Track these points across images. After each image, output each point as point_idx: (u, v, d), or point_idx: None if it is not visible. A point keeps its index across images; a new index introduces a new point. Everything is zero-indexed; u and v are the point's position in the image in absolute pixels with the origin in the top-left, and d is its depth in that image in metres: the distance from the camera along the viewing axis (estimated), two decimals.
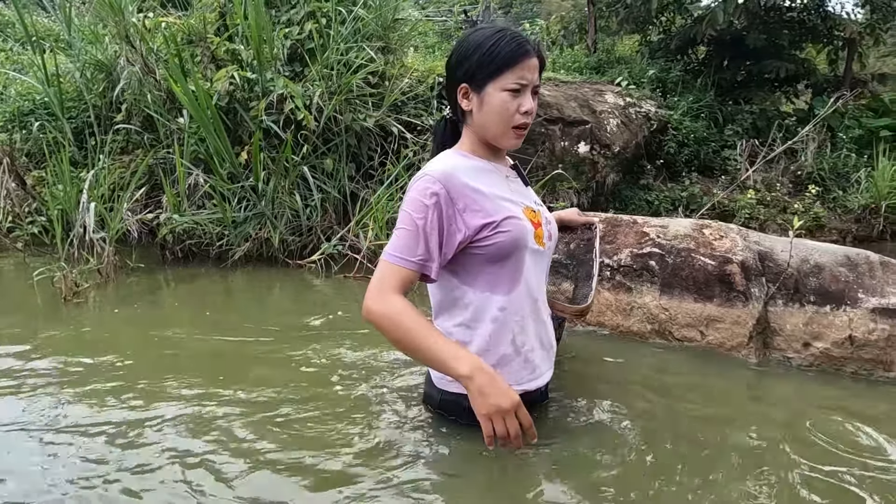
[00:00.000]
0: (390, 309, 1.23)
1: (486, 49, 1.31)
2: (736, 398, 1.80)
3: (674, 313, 2.13)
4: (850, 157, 6.19)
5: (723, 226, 2.25)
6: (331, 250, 3.63)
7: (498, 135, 1.37)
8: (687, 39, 7.48)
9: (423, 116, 4.78)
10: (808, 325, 1.99)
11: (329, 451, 1.40)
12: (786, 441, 1.46)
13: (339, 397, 1.73)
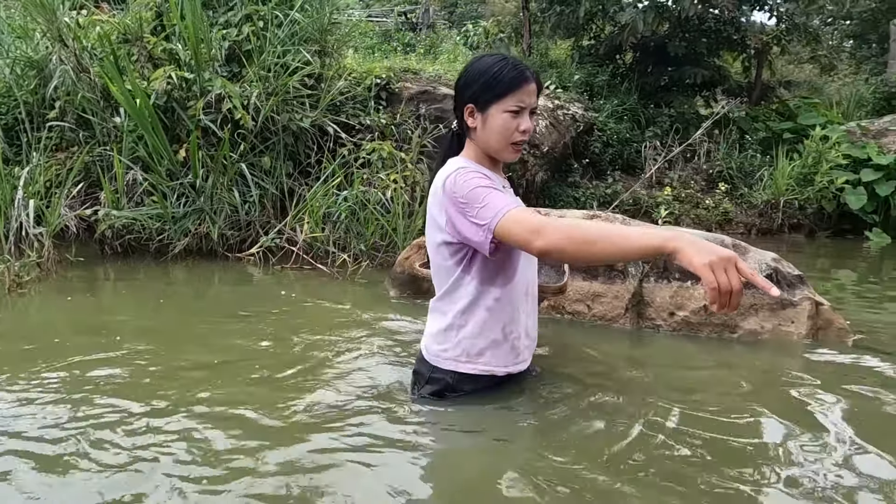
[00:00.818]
0: (557, 226, 1.27)
1: (491, 75, 1.48)
2: (618, 357, 2.12)
3: (590, 290, 2.46)
4: (755, 157, 6.79)
5: (609, 215, 2.60)
6: (269, 243, 3.82)
7: (499, 149, 1.52)
8: (614, 46, 7.97)
9: (360, 117, 5.00)
10: (674, 297, 2.35)
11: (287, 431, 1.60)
12: (658, 386, 1.80)
13: (288, 376, 1.95)
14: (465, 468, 1.35)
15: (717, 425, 1.52)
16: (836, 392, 1.75)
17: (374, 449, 1.39)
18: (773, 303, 2.27)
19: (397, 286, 2.93)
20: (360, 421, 1.53)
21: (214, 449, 1.38)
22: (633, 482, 1.25)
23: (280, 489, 1.21)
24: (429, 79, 6.15)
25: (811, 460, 1.35)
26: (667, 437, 1.45)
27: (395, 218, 3.78)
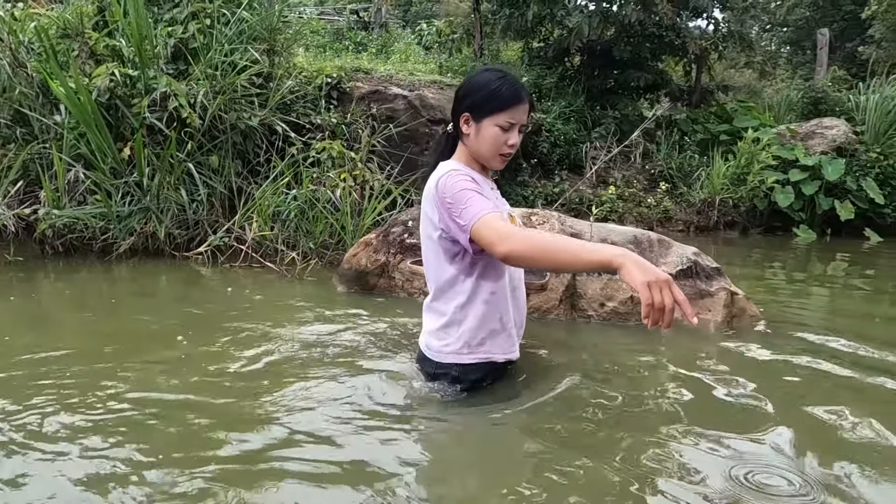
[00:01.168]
0: (524, 235, 1.42)
1: (490, 90, 1.59)
2: (554, 344, 2.25)
3: (548, 288, 2.59)
4: (694, 157, 7.13)
5: (546, 213, 2.75)
6: (217, 242, 3.82)
7: (487, 158, 1.64)
8: (562, 49, 8.20)
9: (310, 116, 5.04)
10: (604, 289, 2.51)
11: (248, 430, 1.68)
12: (594, 370, 1.95)
13: (242, 372, 2.00)
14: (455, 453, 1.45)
15: (636, 397, 1.69)
16: (740, 368, 1.94)
17: (346, 431, 1.48)
18: (692, 293, 2.46)
19: (345, 282, 3.00)
20: (321, 407, 1.62)
21: (165, 444, 1.43)
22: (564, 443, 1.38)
23: (252, 478, 1.27)
24: (380, 78, 6.22)
25: (708, 416, 1.52)
26: (592, 407, 1.60)
27: (345, 216, 3.84)
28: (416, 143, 5.88)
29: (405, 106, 5.84)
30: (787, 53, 22.98)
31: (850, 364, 2.07)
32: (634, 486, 1.26)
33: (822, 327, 2.58)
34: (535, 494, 1.22)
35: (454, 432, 1.54)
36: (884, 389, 1.85)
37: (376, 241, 2.94)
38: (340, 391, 1.73)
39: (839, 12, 20.58)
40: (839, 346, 2.28)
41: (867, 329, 2.66)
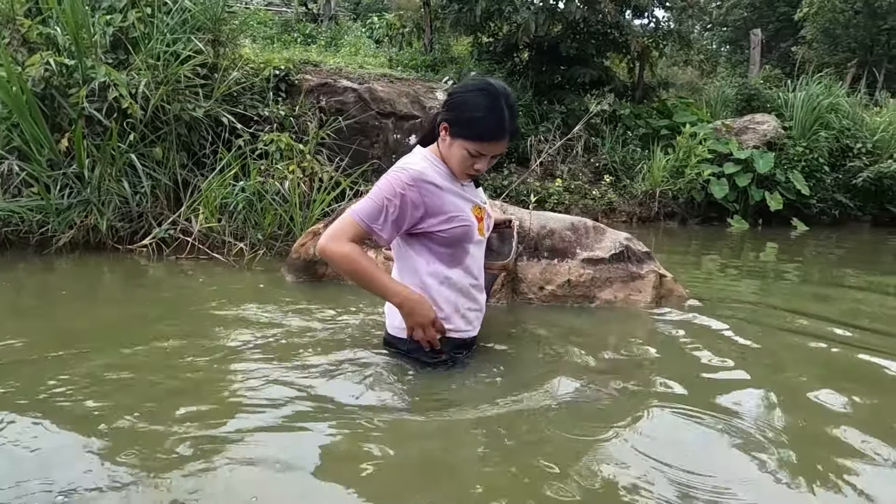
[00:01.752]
0: (346, 251, 1.64)
1: (473, 118, 1.62)
2: (498, 328, 2.36)
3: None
4: (636, 151, 7.41)
5: (490, 202, 2.84)
6: (162, 234, 3.77)
7: (454, 170, 1.73)
8: (510, 44, 8.35)
9: (258, 108, 5.00)
10: (543, 273, 2.64)
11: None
12: (535, 346, 2.07)
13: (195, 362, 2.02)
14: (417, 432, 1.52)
15: (579, 366, 1.84)
16: (666, 342, 2.09)
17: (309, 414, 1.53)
18: (624, 276, 2.61)
19: (293, 271, 3.03)
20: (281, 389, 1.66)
21: (110, 441, 1.45)
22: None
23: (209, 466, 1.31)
24: (329, 71, 6.21)
25: (630, 382, 1.66)
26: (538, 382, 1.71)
27: (293, 208, 3.85)
28: (365, 136, 5.91)
29: (355, 99, 5.86)
30: (727, 52, 23.96)
31: (778, 332, 2.33)
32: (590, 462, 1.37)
33: (755, 304, 2.83)
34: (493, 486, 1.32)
35: (406, 422, 1.61)
36: (813, 351, 2.11)
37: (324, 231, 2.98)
38: (295, 379, 1.78)
39: (774, 13, 21.59)
40: (769, 319, 2.52)
41: (797, 306, 2.89)
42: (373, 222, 1.65)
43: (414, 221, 1.69)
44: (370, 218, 1.65)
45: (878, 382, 1.91)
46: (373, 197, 1.66)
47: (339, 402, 1.61)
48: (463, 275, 1.80)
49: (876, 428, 1.52)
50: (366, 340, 2.09)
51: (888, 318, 2.81)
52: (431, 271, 1.76)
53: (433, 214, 1.70)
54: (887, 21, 16.31)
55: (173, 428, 1.42)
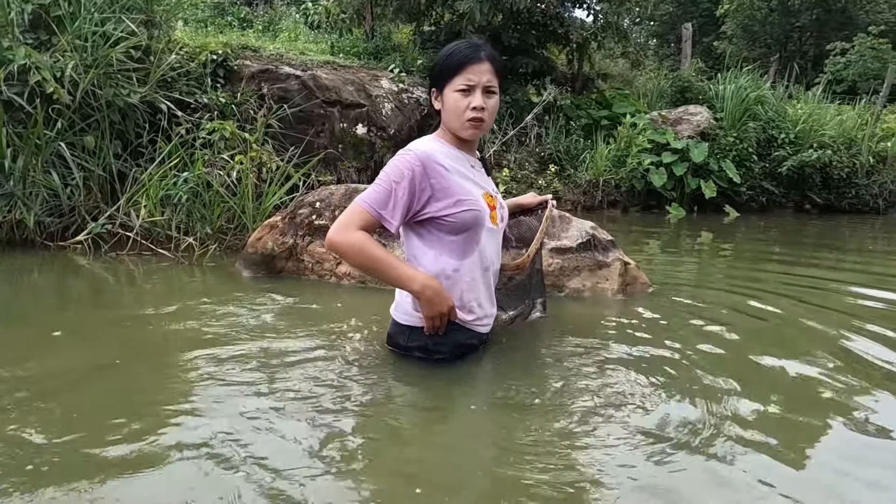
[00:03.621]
0: (355, 241, 1.54)
1: (445, 57, 1.61)
2: None
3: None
4: (579, 141, 7.56)
5: None
6: (99, 229, 3.51)
7: (458, 128, 1.64)
8: (454, 33, 8.30)
9: (196, 94, 4.73)
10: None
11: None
12: (526, 339, 2.03)
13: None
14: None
15: (554, 352, 1.81)
16: (632, 326, 2.13)
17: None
18: (591, 264, 2.65)
19: (250, 266, 2.89)
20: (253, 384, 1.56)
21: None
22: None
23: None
24: (270, 57, 5.96)
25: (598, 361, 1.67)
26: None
27: (243, 199, 3.67)
28: (311, 124, 5.73)
29: (298, 86, 5.66)
30: (654, 46, 24.92)
31: (724, 312, 2.39)
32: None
33: (697, 286, 2.94)
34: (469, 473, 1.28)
35: (386, 422, 1.56)
36: (754, 328, 2.20)
37: (282, 224, 2.85)
38: (272, 377, 1.69)
39: (698, 9, 22.61)
40: (714, 299, 2.60)
41: (730, 286, 3.03)
42: (382, 209, 1.57)
43: (420, 205, 1.61)
44: (379, 204, 1.57)
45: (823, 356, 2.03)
46: (379, 182, 1.59)
47: (325, 405, 1.53)
48: (472, 267, 1.71)
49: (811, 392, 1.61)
50: (338, 336, 2.02)
51: (821, 294, 2.98)
52: (440, 265, 1.67)
53: (440, 198, 1.61)
54: (799, 19, 17.43)
55: (102, 450, 1.31)
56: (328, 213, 2.79)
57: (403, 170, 1.58)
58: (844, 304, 2.73)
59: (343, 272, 2.74)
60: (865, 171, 7.55)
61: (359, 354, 1.85)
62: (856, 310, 2.61)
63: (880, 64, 13.04)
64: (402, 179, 1.57)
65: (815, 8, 16.91)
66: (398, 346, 1.78)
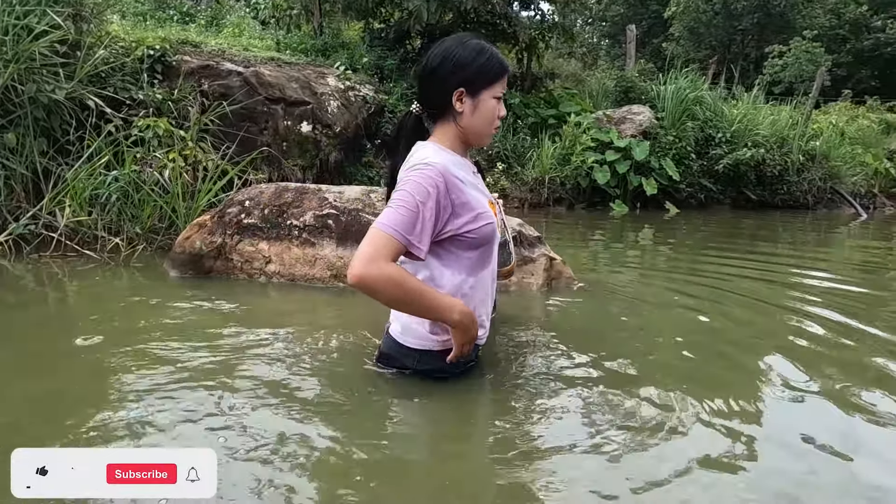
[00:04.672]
0: (391, 274, 1.35)
1: (484, 60, 1.51)
2: None
3: (347, 260, 2.65)
4: (526, 139, 7.68)
5: (385, 190, 2.83)
6: (21, 230, 3.38)
7: (483, 134, 1.59)
8: (403, 31, 8.31)
9: (131, 91, 4.61)
10: None
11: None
12: None
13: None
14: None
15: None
16: (555, 319, 2.21)
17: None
18: (517, 260, 2.71)
19: (177, 266, 2.84)
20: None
21: None
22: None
23: None
24: (211, 53, 5.85)
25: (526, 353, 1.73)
26: None
27: (175, 198, 3.60)
28: (254, 122, 5.65)
29: (240, 83, 5.58)
30: (606, 46, 25.47)
31: (658, 305, 2.55)
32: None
33: (636, 281, 3.06)
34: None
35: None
36: (687, 318, 2.35)
37: (211, 223, 2.82)
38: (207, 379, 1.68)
39: (647, 11, 23.24)
40: (651, 291, 2.73)
41: (671, 281, 3.16)
42: (409, 234, 1.39)
43: (442, 224, 1.48)
44: (406, 228, 1.39)
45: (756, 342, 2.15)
46: (402, 204, 1.41)
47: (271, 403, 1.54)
48: (486, 280, 1.63)
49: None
50: (270, 335, 2.02)
51: (749, 289, 3.14)
52: (457, 283, 1.56)
53: (459, 213, 1.50)
54: (741, 22, 18.12)
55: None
56: (257, 211, 2.78)
57: (428, 188, 1.42)
58: (766, 293, 2.89)
59: (273, 271, 2.73)
60: (796, 169, 7.92)
61: (294, 354, 1.84)
62: (782, 299, 2.77)
63: (814, 66, 13.69)
64: (428, 199, 1.42)
65: (757, 12, 17.61)
66: (403, 367, 1.66)
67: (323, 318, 2.28)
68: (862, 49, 17.15)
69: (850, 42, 17.38)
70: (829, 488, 1.24)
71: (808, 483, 1.25)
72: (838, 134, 8.61)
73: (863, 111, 11.71)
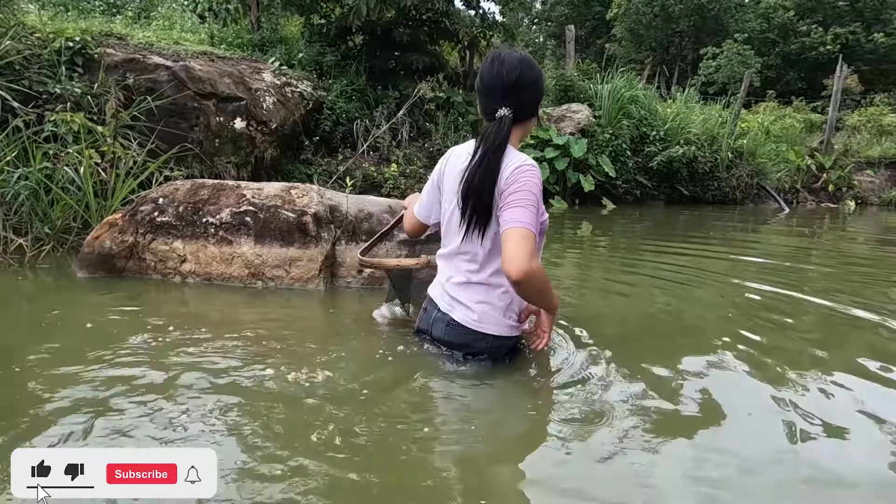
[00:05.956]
0: (542, 268, 1.58)
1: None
2: (314, 316, 2.34)
3: (266, 258, 2.60)
4: (467, 136, 7.72)
5: (306, 187, 2.80)
6: None
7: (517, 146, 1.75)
8: (343, 28, 8.21)
9: (47, 84, 4.39)
10: None
11: None
12: (352, 331, 2.04)
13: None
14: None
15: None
16: None
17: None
18: None
19: (86, 267, 2.71)
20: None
21: None
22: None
23: None
24: (138, 46, 5.64)
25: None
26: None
27: (88, 196, 3.44)
28: (184, 118, 5.47)
29: (169, 77, 5.39)
30: (553, 46, 25.91)
31: (598, 291, 2.62)
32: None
33: (575, 275, 3.14)
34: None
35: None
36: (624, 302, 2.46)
37: (123, 221, 2.71)
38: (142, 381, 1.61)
39: (591, 12, 23.76)
40: (590, 280, 2.81)
41: (609, 272, 3.25)
42: (535, 228, 1.59)
43: (540, 216, 1.69)
44: (533, 224, 1.59)
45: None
46: (531, 202, 1.59)
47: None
48: None
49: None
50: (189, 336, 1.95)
51: (685, 274, 3.27)
52: None
53: (542, 206, 1.70)
54: (679, 25, 18.77)
55: None
56: (172, 209, 2.69)
57: (539, 186, 1.64)
58: (701, 276, 3.01)
59: (188, 270, 2.65)
60: (725, 166, 8.27)
61: (226, 351, 1.79)
62: (718, 280, 2.88)
63: (746, 68, 14.31)
64: (539, 196, 1.64)
65: (693, 15, 18.28)
66: (472, 353, 1.76)
67: (244, 318, 2.23)
68: (790, 52, 18.03)
69: (779, 45, 18.25)
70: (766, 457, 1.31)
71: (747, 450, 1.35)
72: (764, 132, 9.02)
73: (789, 111, 12.33)
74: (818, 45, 17.39)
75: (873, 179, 9.27)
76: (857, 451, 1.37)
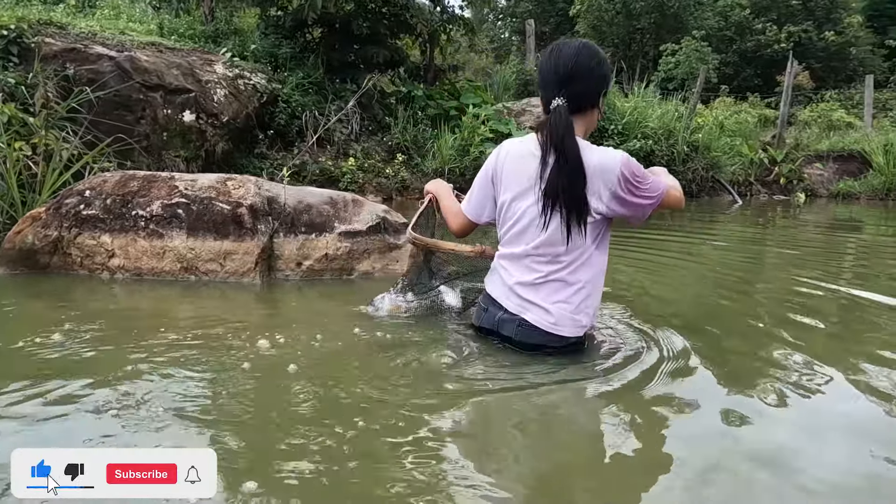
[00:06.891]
0: (672, 195, 1.74)
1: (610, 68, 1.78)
2: (251, 310, 2.26)
3: (199, 252, 2.51)
4: (427, 130, 7.68)
5: (243, 178, 2.71)
6: None
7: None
8: (300, 20, 8.05)
9: None
10: (300, 249, 2.59)
11: None
12: (294, 322, 1.97)
13: None
14: None
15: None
16: None
17: None
18: (382, 246, 2.68)
19: (7, 263, 2.57)
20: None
21: None
22: None
23: None
24: (79, 36, 5.43)
25: None
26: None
27: (13, 190, 3.27)
28: (129, 110, 5.30)
29: (112, 68, 5.20)
30: (518, 42, 26.02)
31: None
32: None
33: None
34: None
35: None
36: None
37: (46, 215, 2.58)
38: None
39: (554, 8, 23.91)
40: None
41: None
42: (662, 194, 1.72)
43: None
44: (661, 191, 1.71)
45: None
46: (647, 178, 1.68)
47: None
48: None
49: None
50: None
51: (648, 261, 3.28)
52: (601, 259, 1.77)
53: None
54: (640, 22, 19.02)
55: None
56: (99, 201, 2.57)
57: (638, 165, 1.70)
58: (663, 263, 3.02)
59: (117, 265, 2.54)
60: (682, 159, 8.40)
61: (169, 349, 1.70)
62: (681, 266, 2.90)
63: (703, 64, 14.58)
64: (643, 171, 1.72)
65: (654, 12, 18.53)
66: (568, 353, 1.75)
67: (179, 314, 2.15)
68: (746, 49, 18.45)
69: (736, 43, 18.65)
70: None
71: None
72: (718, 127, 9.20)
73: (745, 107, 12.61)
74: (773, 42, 17.82)
75: (822, 172, 9.54)
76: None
